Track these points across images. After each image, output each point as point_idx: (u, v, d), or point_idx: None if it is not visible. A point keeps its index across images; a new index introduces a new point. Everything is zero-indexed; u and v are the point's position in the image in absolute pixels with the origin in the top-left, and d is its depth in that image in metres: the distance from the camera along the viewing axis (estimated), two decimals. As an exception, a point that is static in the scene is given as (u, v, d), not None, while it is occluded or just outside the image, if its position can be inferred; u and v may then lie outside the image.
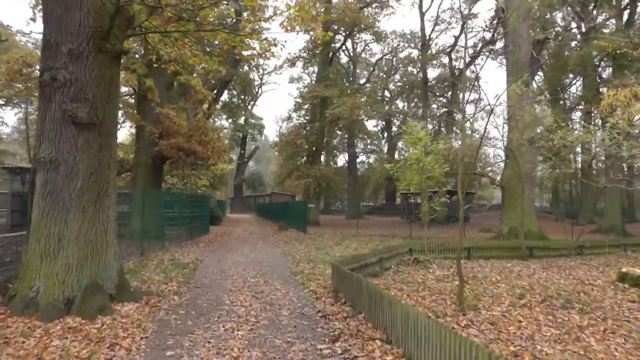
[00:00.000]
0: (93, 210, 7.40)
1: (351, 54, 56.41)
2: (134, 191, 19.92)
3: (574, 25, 40.45)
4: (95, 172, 7.43)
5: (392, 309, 5.92)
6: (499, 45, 48.43)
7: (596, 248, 18.10)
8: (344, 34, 41.25)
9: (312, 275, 11.63)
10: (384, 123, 64.33)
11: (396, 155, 65.60)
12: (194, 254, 16.11)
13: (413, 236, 25.85)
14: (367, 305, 6.98)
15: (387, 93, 63.32)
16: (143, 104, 20.61)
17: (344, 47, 48.53)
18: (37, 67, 16.02)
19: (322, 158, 43.55)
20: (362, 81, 58.34)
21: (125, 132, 46.06)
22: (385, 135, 66.00)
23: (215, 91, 33.06)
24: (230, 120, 62.42)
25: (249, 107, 69.67)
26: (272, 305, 8.30)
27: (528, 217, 22.06)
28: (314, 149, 39.06)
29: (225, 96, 53.43)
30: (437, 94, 56.85)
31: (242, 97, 64.68)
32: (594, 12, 34.59)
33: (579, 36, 39.22)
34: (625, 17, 30.87)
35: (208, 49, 10.44)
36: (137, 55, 22.01)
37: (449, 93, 54.04)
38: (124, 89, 23.12)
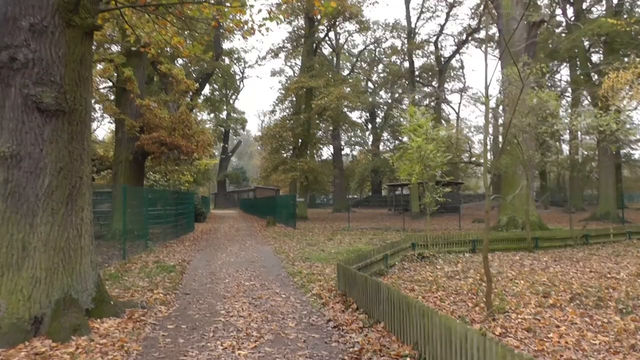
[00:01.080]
0: (64, 212, 6.31)
1: (334, 45, 55.31)
2: (115, 189, 18.75)
3: (559, 11, 39.97)
4: (65, 167, 6.33)
5: (425, 322, 4.95)
6: (483, 34, 48.18)
7: (601, 237, 17.42)
8: (327, 24, 40.29)
9: (311, 276, 10.65)
10: (367, 115, 63.62)
11: (381, 147, 65.09)
12: (181, 255, 15.07)
13: (407, 228, 25.00)
14: (389, 313, 6.02)
15: (370, 84, 62.60)
16: (122, 97, 19.44)
17: (326, 39, 47.52)
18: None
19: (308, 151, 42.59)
20: (345, 73, 57.29)
21: (106, 129, 44.74)
22: (370, 126, 65.29)
23: (197, 84, 31.76)
24: (212, 115, 61.27)
25: (231, 102, 68.50)
26: (274, 314, 7.28)
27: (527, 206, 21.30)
28: (300, 141, 38.11)
29: (207, 90, 52.30)
30: (422, 83, 56.05)
31: (224, 91, 63.40)
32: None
33: (564, 22, 38.77)
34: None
35: (192, 31, 9.31)
36: (112, 48, 20.80)
37: (434, 83, 53.38)
38: (100, 82, 21.85)
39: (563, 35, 36.52)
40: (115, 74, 19.29)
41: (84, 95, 6.64)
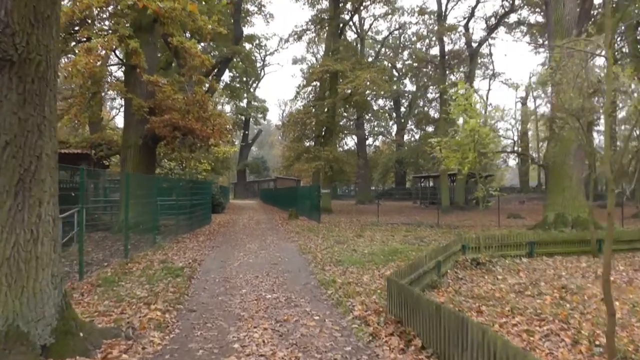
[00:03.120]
0: (11, 206, 4.37)
1: (358, 30, 53.07)
2: (123, 177, 16.99)
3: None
4: (13, 142, 4.39)
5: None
6: (513, 18, 45.64)
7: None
8: (352, 7, 38.27)
9: (348, 287, 8.62)
10: (392, 103, 61.55)
11: (405, 137, 62.89)
12: (192, 253, 13.20)
13: (440, 224, 22.91)
14: (483, 368, 4.01)
15: (395, 72, 60.33)
16: (131, 76, 17.63)
17: (351, 23, 45.29)
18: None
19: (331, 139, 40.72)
20: (370, 60, 55.11)
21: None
22: (394, 116, 63.16)
23: (216, 70, 29.80)
24: (232, 103, 59.80)
25: (252, 90, 66.79)
26: (307, 351, 5.23)
27: (577, 201, 19.06)
28: (324, 129, 36.16)
29: (227, 77, 50.70)
30: (449, 70, 53.52)
31: (244, 78, 61.70)
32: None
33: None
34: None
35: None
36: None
37: (462, 69, 50.75)
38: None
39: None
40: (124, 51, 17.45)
41: (43, 41, 4.64)
